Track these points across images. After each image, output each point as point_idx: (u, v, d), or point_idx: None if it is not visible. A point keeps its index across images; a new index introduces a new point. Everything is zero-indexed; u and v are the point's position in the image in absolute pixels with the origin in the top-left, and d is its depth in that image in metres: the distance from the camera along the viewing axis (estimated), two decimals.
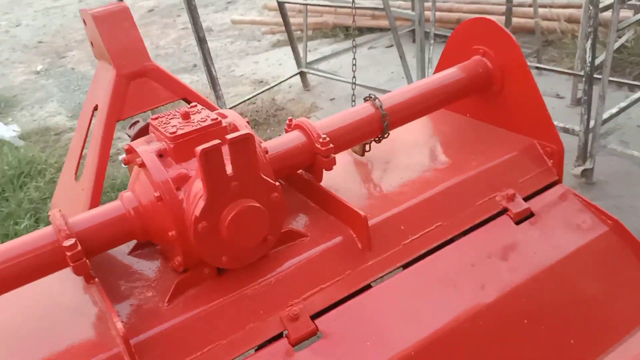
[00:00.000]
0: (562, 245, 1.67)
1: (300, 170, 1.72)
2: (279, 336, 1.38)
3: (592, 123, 3.59)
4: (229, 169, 1.31)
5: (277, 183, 1.43)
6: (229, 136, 1.28)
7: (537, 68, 4.61)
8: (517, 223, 1.68)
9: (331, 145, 1.59)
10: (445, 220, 1.65)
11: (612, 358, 1.54)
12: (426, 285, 1.54)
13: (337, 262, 1.52)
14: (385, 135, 1.81)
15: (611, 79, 4.03)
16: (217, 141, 1.26)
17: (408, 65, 4.30)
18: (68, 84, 7.70)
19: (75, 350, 1.31)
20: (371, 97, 1.78)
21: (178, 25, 9.50)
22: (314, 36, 7.32)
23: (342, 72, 5.64)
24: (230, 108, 5.18)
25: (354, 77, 3.36)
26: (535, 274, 1.59)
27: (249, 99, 5.16)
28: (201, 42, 3.17)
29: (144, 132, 2.14)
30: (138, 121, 2.18)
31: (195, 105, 1.53)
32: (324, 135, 1.59)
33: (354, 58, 3.30)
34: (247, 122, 1.56)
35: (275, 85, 5.35)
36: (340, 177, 1.86)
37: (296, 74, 5.33)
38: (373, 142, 1.87)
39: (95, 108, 2.17)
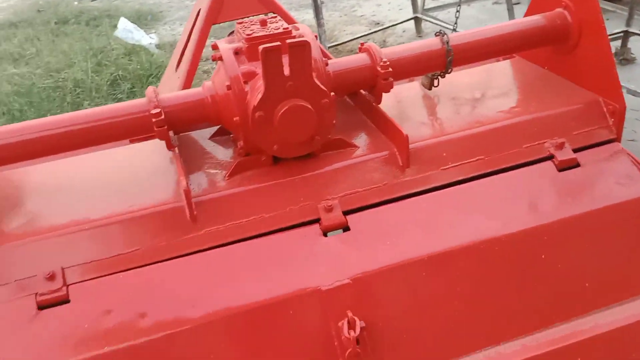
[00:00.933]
0: (597, 199, 1.72)
1: (365, 92, 1.91)
2: (313, 222, 1.63)
3: None
4: (287, 70, 1.53)
5: (332, 93, 1.64)
6: (288, 41, 1.50)
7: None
8: (560, 171, 1.75)
9: (390, 69, 1.75)
10: (488, 155, 1.76)
11: (619, 311, 1.61)
12: (452, 208, 1.69)
13: (377, 173, 1.72)
14: (449, 71, 1.92)
15: None
16: (277, 43, 1.48)
17: None
18: None
19: (149, 200, 1.64)
20: (441, 33, 1.89)
21: None
22: None
23: (459, 24, 5.52)
24: (339, 44, 5.43)
25: (455, 26, 3.37)
26: (563, 218, 1.67)
27: (359, 37, 5.30)
28: None
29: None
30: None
31: (275, 17, 1.76)
32: (385, 60, 1.76)
33: (459, 6, 3.31)
34: (316, 36, 1.76)
35: (387, 27, 5.43)
36: (404, 104, 2.04)
37: (410, 19, 5.36)
38: (442, 79, 2.00)
39: (199, 13, 2.50)
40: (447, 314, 1.55)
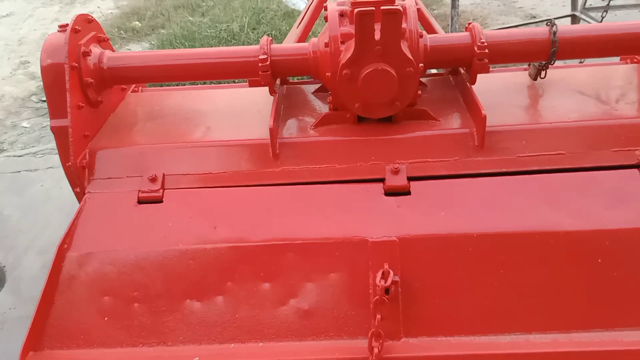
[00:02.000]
0: None
1: (463, 72, 1.96)
2: (378, 180, 1.75)
3: None
4: (377, 35, 1.65)
5: (421, 64, 1.73)
6: (383, 7, 1.61)
7: None
8: None
9: (486, 50, 1.79)
10: (569, 151, 1.74)
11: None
12: (517, 195, 1.71)
13: (451, 148, 1.79)
14: (552, 62, 1.89)
15: None
16: (372, 8, 1.60)
17: None
18: None
19: (244, 133, 1.89)
20: (551, 22, 1.86)
21: None
22: None
23: None
24: None
25: None
26: (630, 228, 1.61)
27: (507, 27, 5.11)
28: None
29: None
30: None
31: None
32: (483, 40, 1.79)
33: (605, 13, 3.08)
34: (419, 9, 1.84)
35: (539, 21, 5.16)
36: (505, 90, 2.06)
37: (567, 16, 5.03)
38: (554, 71, 2.00)
39: None
40: (482, 292, 1.58)
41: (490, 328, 1.56)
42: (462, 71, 1.97)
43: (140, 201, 1.76)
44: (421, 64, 1.75)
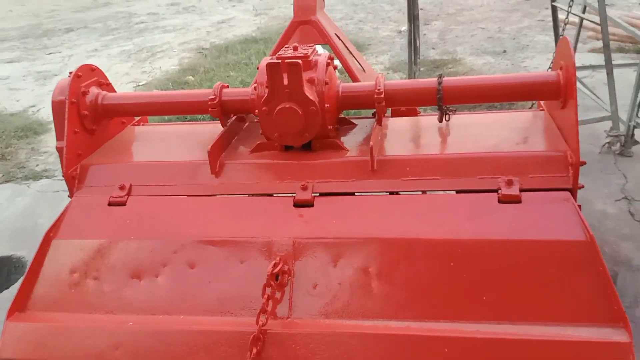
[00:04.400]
0: (516, 231, 1.93)
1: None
2: (290, 195, 2.19)
3: None
4: (286, 80, 2.14)
5: (327, 105, 2.19)
6: (286, 60, 2.10)
7: None
8: (500, 202, 2.01)
9: (382, 95, 2.24)
10: (443, 177, 2.13)
11: (499, 327, 1.79)
12: (395, 209, 2.10)
13: (351, 171, 2.22)
14: (444, 107, 2.33)
15: None
16: (278, 61, 2.10)
17: None
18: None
19: (192, 156, 2.39)
20: (440, 75, 2.32)
21: (538, 16, 9.82)
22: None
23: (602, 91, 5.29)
24: None
25: None
26: (478, 239, 1.93)
27: None
28: (414, 19, 3.87)
29: None
30: None
31: (312, 46, 2.37)
32: (380, 88, 2.25)
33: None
34: (331, 58, 2.33)
35: None
36: (411, 128, 2.52)
37: None
38: (455, 116, 2.44)
39: None
40: (356, 285, 1.94)
41: (358, 314, 1.91)
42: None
43: (110, 204, 2.30)
44: (327, 105, 2.21)
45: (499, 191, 2.03)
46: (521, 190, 2.02)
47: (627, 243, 3.42)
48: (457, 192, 2.11)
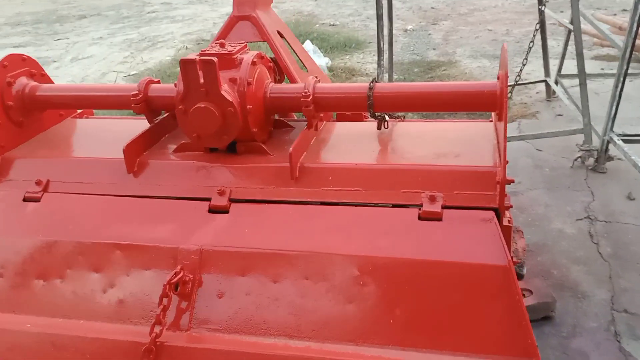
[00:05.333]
0: (437, 251, 1.78)
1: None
2: (206, 199, 2.07)
3: None
4: (202, 79, 2.01)
5: (231, 100, 2.04)
6: (200, 57, 1.97)
7: None
8: (420, 219, 1.87)
9: (309, 99, 2.11)
10: (366, 189, 1.99)
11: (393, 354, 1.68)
12: (311, 221, 1.97)
13: (272, 178, 2.10)
14: (384, 115, 2.22)
15: None
16: (195, 57, 1.98)
17: None
18: (409, 47, 8.66)
19: (112, 153, 2.26)
20: (374, 80, 2.17)
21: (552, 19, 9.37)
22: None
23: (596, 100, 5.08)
24: None
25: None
26: (391, 257, 1.79)
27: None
28: (378, 19, 3.72)
29: None
30: None
31: (243, 43, 2.24)
32: (307, 92, 2.12)
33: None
34: (262, 57, 2.20)
35: (514, 85, 5.32)
36: (343, 135, 2.37)
37: (540, 81, 5.16)
38: (398, 123, 2.34)
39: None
40: (259, 301, 1.83)
41: (260, 331, 1.81)
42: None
43: (25, 199, 2.25)
44: (249, 106, 2.08)
45: (421, 207, 1.89)
46: (444, 207, 1.88)
47: (579, 267, 3.23)
48: (378, 205, 1.97)
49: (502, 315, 1.66)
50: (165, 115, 2.45)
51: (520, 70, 3.77)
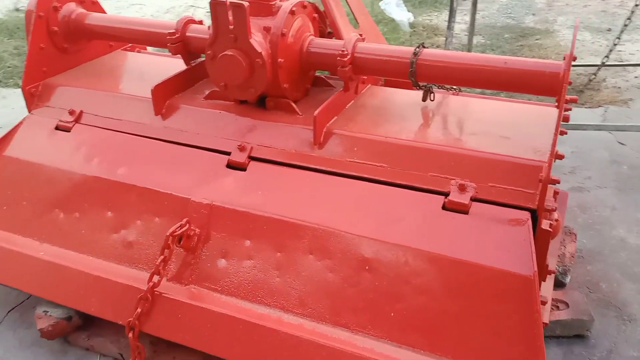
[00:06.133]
0: (455, 247, 1.66)
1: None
2: (227, 153, 2.06)
3: None
4: (232, 24, 1.92)
5: (262, 52, 1.95)
6: (230, 0, 1.87)
7: None
8: (444, 209, 1.75)
9: (346, 59, 1.95)
10: (391, 167, 1.86)
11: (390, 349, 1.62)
12: (329, 193, 1.90)
13: (296, 140, 2.01)
14: (422, 84, 2.03)
15: None
16: (224, 0, 1.87)
17: None
18: (506, 9, 8.00)
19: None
20: (422, 46, 1.98)
21: None
22: None
23: None
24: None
25: None
26: (405, 245, 1.70)
27: (581, 65, 4.74)
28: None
29: None
30: None
31: None
32: (345, 50, 1.96)
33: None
34: (305, 6, 2.05)
35: (617, 65, 4.83)
36: (382, 103, 2.21)
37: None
38: (448, 97, 2.19)
39: None
40: (261, 267, 1.81)
41: (256, 298, 1.80)
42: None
43: (57, 128, 2.33)
44: (281, 59, 1.96)
45: (448, 196, 1.76)
46: (473, 200, 1.74)
47: (633, 285, 2.90)
48: (402, 186, 1.84)
49: (513, 331, 1.52)
50: (204, 58, 2.36)
51: (610, 50, 3.36)
